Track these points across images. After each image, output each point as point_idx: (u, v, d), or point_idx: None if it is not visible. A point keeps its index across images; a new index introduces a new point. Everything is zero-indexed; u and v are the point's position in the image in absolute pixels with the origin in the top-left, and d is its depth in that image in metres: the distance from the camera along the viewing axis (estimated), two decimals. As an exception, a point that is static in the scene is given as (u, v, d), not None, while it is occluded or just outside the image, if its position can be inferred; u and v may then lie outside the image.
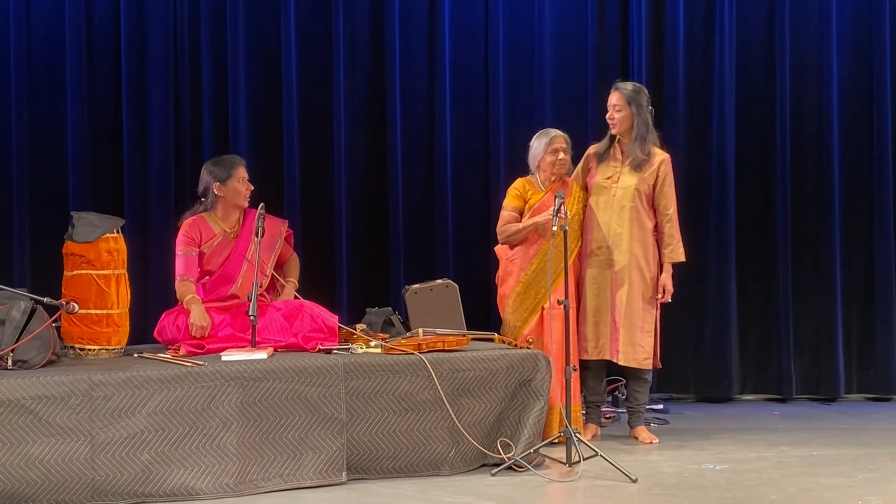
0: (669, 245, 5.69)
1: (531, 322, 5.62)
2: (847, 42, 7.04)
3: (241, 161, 5.53)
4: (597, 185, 5.72)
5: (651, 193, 5.68)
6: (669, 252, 5.69)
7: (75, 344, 5.01)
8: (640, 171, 5.66)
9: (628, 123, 5.67)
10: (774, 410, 6.73)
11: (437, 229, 6.86)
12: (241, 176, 5.44)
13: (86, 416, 4.40)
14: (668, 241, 5.69)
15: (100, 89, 6.61)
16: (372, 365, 4.87)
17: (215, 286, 5.41)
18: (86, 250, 4.97)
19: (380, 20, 6.84)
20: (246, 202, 5.47)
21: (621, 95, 5.66)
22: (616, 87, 5.71)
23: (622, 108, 5.65)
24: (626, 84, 5.74)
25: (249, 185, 5.47)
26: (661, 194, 5.69)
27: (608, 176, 5.71)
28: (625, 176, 5.68)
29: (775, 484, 4.75)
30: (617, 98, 5.67)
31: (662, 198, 5.70)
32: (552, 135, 5.68)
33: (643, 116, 5.66)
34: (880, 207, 6.99)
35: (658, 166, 5.68)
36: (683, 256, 5.73)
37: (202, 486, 4.53)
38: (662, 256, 5.71)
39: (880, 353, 7.01)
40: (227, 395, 4.60)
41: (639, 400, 5.78)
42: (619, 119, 5.67)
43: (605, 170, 5.73)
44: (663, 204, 5.70)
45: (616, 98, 5.68)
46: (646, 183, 5.66)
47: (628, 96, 5.65)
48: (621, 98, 5.66)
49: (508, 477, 4.89)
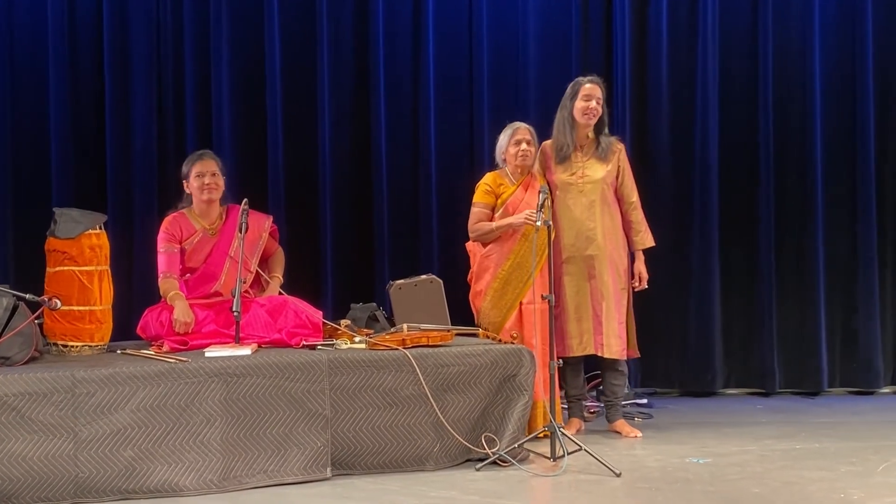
0: (639, 232, 5.73)
1: (510, 317, 5.62)
2: (830, 38, 7.07)
3: (201, 156, 5.43)
4: (562, 182, 5.70)
5: (615, 183, 5.70)
6: (639, 239, 5.73)
7: (58, 340, 4.99)
8: (605, 162, 5.66)
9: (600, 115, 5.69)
10: (758, 404, 6.76)
11: (421, 225, 6.87)
12: (197, 172, 5.36)
13: (69, 413, 4.39)
14: (637, 228, 5.72)
15: (83, 86, 6.59)
16: (356, 360, 4.86)
17: (198, 284, 5.39)
18: (68, 246, 4.96)
19: (364, 17, 6.83)
20: (209, 196, 5.36)
21: (598, 86, 5.66)
22: (593, 81, 5.67)
23: (601, 99, 5.66)
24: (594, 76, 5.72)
25: (212, 179, 5.35)
26: (624, 183, 5.73)
27: (572, 172, 5.70)
28: (590, 169, 5.68)
29: (758, 477, 4.77)
30: (599, 91, 5.65)
31: (625, 186, 5.73)
32: (515, 126, 5.68)
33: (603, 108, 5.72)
34: (862, 203, 7.03)
35: (618, 155, 5.72)
36: (653, 241, 5.77)
37: (186, 483, 4.52)
38: (632, 244, 5.73)
39: (863, 347, 7.04)
40: (210, 391, 4.59)
41: (616, 393, 5.79)
42: (599, 112, 5.67)
43: (567, 166, 5.71)
44: (626, 192, 5.73)
45: (599, 91, 5.65)
46: (610, 174, 5.68)
47: (602, 86, 5.67)
48: (599, 89, 5.65)
49: (493, 472, 4.89)
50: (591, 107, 5.63)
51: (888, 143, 7.10)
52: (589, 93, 5.63)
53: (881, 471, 4.87)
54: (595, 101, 5.63)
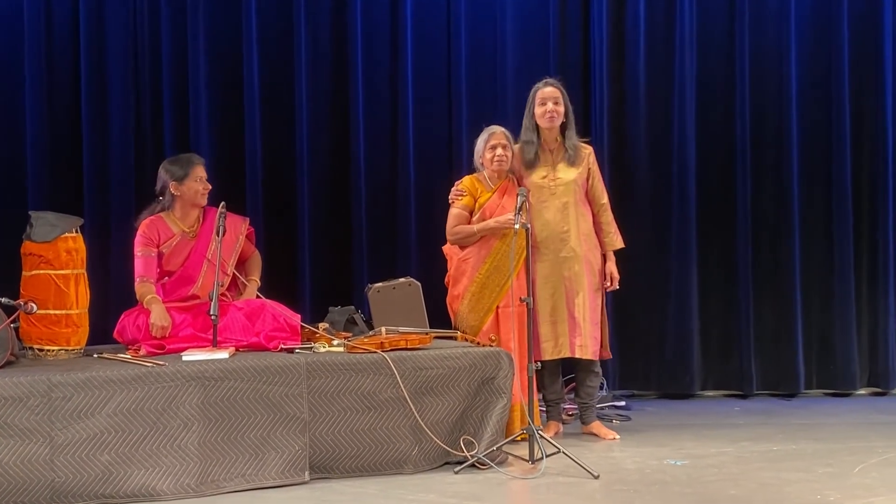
0: (609, 233, 5.76)
1: (488, 321, 5.63)
2: (806, 38, 7.10)
3: (199, 160, 5.47)
4: (535, 186, 5.70)
5: (586, 185, 5.73)
6: (609, 240, 5.76)
7: (34, 344, 4.96)
8: (575, 164, 5.69)
9: (564, 117, 5.70)
10: (735, 406, 6.78)
11: (399, 228, 6.86)
12: (199, 175, 5.39)
13: (45, 418, 4.36)
14: (607, 230, 5.76)
15: (59, 88, 6.55)
16: (334, 364, 4.85)
17: (175, 287, 5.37)
18: (44, 250, 4.93)
19: (342, 20, 6.82)
20: (204, 201, 5.43)
21: (556, 89, 5.69)
22: (548, 83, 5.71)
23: (560, 101, 5.68)
24: (552, 79, 5.75)
25: (207, 184, 5.43)
26: (594, 186, 5.76)
27: (543, 175, 5.72)
28: (561, 172, 5.70)
29: (736, 479, 4.79)
30: (557, 93, 5.68)
31: (595, 189, 5.76)
32: (491, 131, 5.70)
33: (570, 109, 5.73)
34: (838, 205, 7.06)
35: (587, 158, 5.74)
36: (622, 243, 5.80)
37: (163, 487, 4.50)
38: (603, 245, 5.76)
39: (839, 349, 7.08)
40: (188, 395, 4.57)
41: (591, 395, 5.81)
42: (561, 112, 5.69)
43: (538, 170, 5.73)
44: (597, 195, 5.77)
45: (556, 93, 5.68)
46: (581, 176, 5.71)
47: (561, 89, 5.69)
48: (557, 91, 5.68)
49: (471, 474, 4.89)
50: (549, 109, 5.66)
51: (863, 147, 7.14)
52: (546, 96, 5.68)
53: (857, 472, 4.89)
54: (552, 102, 5.65)
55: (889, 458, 5.17)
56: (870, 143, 7.15)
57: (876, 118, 7.11)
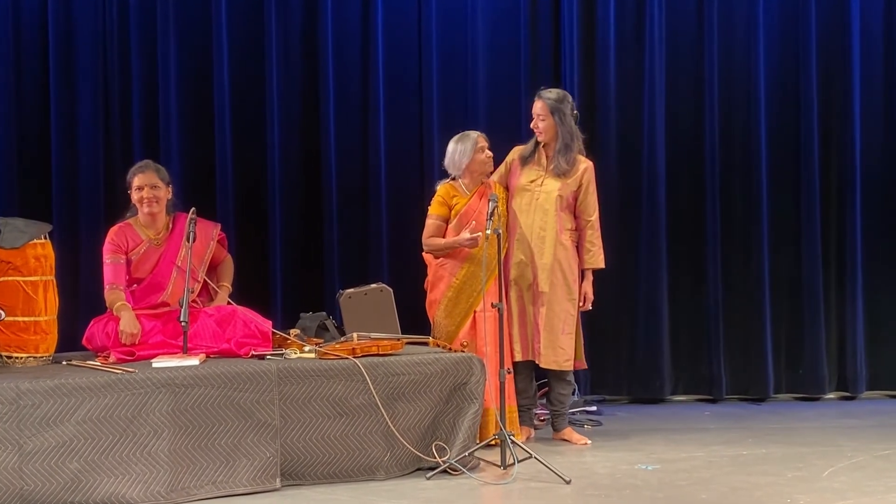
0: (590, 251, 5.74)
1: (465, 325, 5.64)
2: (774, 45, 7.16)
3: (141, 168, 5.34)
4: (520, 188, 5.74)
5: (573, 200, 5.73)
6: (590, 258, 5.74)
7: (2, 352, 4.92)
8: (565, 177, 5.70)
9: (553, 132, 5.71)
10: (705, 411, 6.82)
11: (371, 234, 6.85)
12: (137, 185, 5.28)
13: (13, 425, 4.32)
14: (589, 248, 5.74)
15: (27, 93, 6.51)
16: (306, 370, 4.84)
17: (145, 294, 5.32)
18: (12, 256, 4.89)
19: (313, 25, 6.82)
20: (149, 210, 5.28)
21: (544, 104, 5.70)
22: (539, 96, 5.74)
23: (545, 117, 5.69)
24: (550, 92, 5.75)
25: (153, 192, 5.26)
26: (584, 202, 5.74)
27: (532, 179, 5.74)
28: (548, 181, 5.71)
29: (706, 483, 4.81)
30: (540, 107, 5.71)
31: (585, 205, 5.75)
32: (474, 136, 5.72)
33: (567, 125, 5.70)
34: (806, 211, 7.12)
35: (582, 174, 5.73)
36: (603, 263, 5.78)
37: (133, 495, 4.47)
38: (583, 262, 5.75)
39: (808, 353, 7.13)
40: (158, 402, 4.55)
41: (563, 402, 5.82)
42: (543, 128, 5.71)
43: (528, 173, 5.76)
44: (586, 211, 5.75)
45: (539, 107, 5.71)
46: (568, 189, 5.70)
47: (551, 105, 5.68)
48: (544, 107, 5.70)
49: (443, 480, 4.89)
50: (533, 122, 5.73)
51: (831, 152, 7.20)
52: (533, 110, 5.76)
53: (827, 476, 4.93)
54: (535, 117, 5.72)
55: (858, 461, 5.21)
56: (837, 148, 7.20)
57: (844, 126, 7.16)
